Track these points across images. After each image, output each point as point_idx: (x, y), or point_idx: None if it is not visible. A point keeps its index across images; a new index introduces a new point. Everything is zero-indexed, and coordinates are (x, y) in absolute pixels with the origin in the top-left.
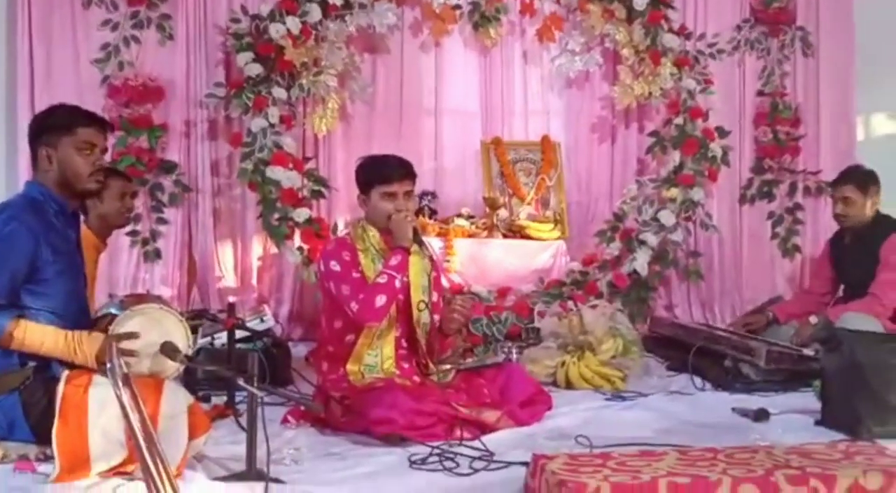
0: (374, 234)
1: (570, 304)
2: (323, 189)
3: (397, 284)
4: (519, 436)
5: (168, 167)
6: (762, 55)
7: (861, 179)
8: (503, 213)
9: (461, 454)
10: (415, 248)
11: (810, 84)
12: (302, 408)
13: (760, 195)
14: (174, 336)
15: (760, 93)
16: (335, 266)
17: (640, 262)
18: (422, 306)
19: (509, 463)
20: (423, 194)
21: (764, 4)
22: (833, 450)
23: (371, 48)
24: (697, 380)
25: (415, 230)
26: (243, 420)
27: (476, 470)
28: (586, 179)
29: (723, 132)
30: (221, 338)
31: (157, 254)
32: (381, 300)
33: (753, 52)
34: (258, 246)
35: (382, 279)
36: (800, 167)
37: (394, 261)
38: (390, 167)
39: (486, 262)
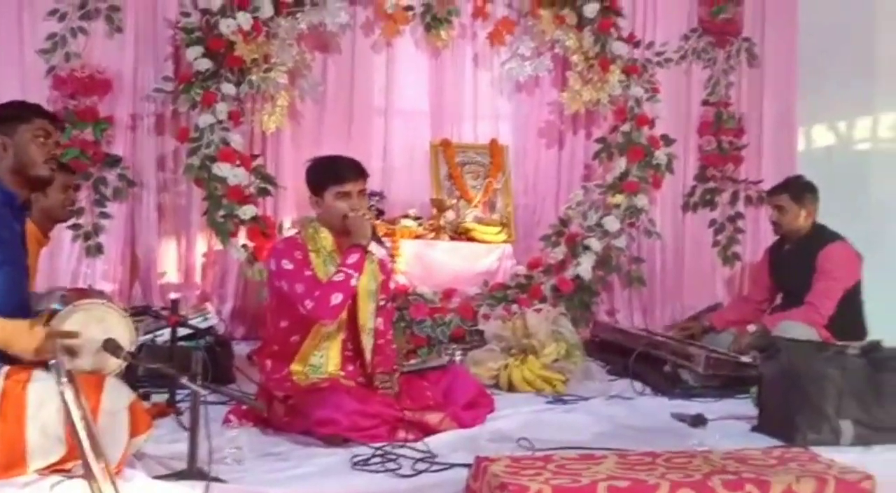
0: (326, 235)
1: (515, 307)
2: (270, 187)
3: (353, 282)
4: (461, 438)
5: (113, 161)
6: (708, 65)
7: (796, 189)
8: (450, 215)
9: (404, 456)
10: None
11: (754, 95)
12: (244, 407)
13: (703, 203)
14: (117, 333)
15: (706, 102)
16: (287, 265)
17: (585, 267)
18: (369, 313)
19: (451, 465)
20: (371, 195)
21: (711, 15)
22: (768, 456)
23: (322, 46)
24: (637, 385)
25: (373, 228)
26: (184, 419)
27: (418, 472)
28: (533, 183)
29: (668, 140)
30: (163, 335)
31: (99, 249)
32: (336, 298)
33: (700, 61)
34: (202, 243)
35: (339, 277)
36: (742, 177)
37: (351, 259)
38: (344, 167)
39: (432, 263)
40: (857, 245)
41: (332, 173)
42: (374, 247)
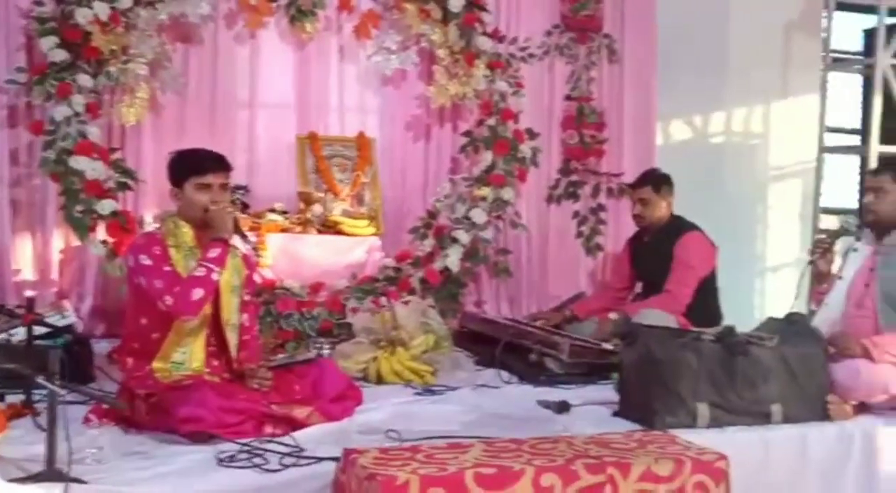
0: (186, 230)
1: (383, 300)
2: (130, 181)
3: (214, 277)
4: (330, 431)
5: None
6: (570, 61)
7: (656, 181)
8: (317, 208)
9: (271, 451)
10: None
11: (615, 90)
12: (105, 407)
13: (566, 196)
14: None
15: (568, 97)
16: (146, 260)
17: (453, 259)
18: (233, 308)
19: (320, 459)
20: (236, 188)
21: (572, 12)
22: (629, 439)
23: (184, 38)
24: (504, 374)
25: (235, 221)
26: (42, 419)
27: (286, 466)
28: (401, 176)
29: (532, 134)
30: (18, 334)
31: None
32: (197, 294)
33: (562, 57)
34: (59, 239)
35: (200, 272)
36: (603, 169)
37: (212, 253)
38: (205, 158)
39: (300, 257)
40: (712, 235)
41: (192, 165)
42: (237, 241)
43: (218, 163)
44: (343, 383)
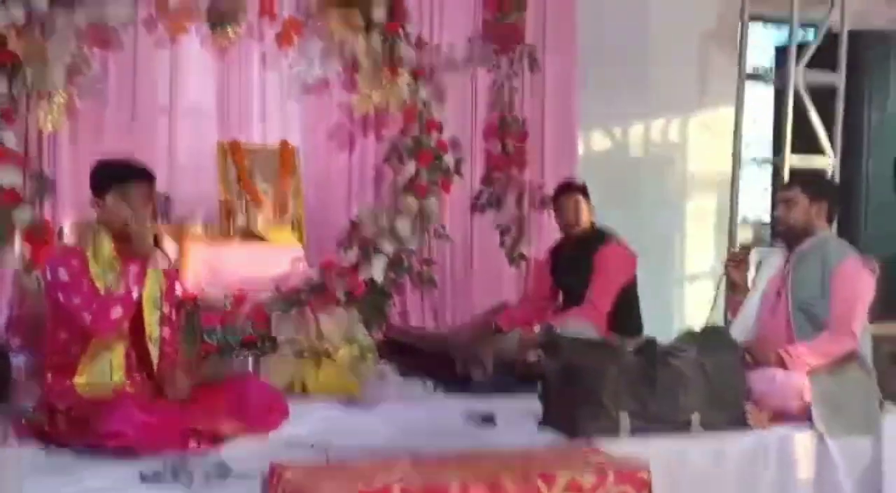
0: (106, 242)
1: (307, 311)
2: (47, 190)
3: (134, 295)
4: (256, 446)
5: None
6: (492, 70)
7: (584, 188)
8: (240, 218)
9: (196, 466)
10: None
11: (536, 100)
12: (24, 422)
13: (490, 205)
14: None
15: (491, 107)
16: (63, 275)
17: (377, 269)
18: (155, 321)
19: (245, 474)
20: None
21: (495, 21)
22: (554, 452)
23: (102, 43)
24: (430, 385)
25: (156, 238)
26: None
27: (211, 481)
28: (325, 185)
29: (456, 144)
30: None
31: None
32: (116, 312)
33: (485, 67)
34: None
35: (119, 290)
36: (526, 179)
37: (131, 271)
38: (129, 169)
39: (222, 268)
40: (631, 245)
41: (115, 175)
42: (158, 255)
43: (142, 173)
44: (269, 396)
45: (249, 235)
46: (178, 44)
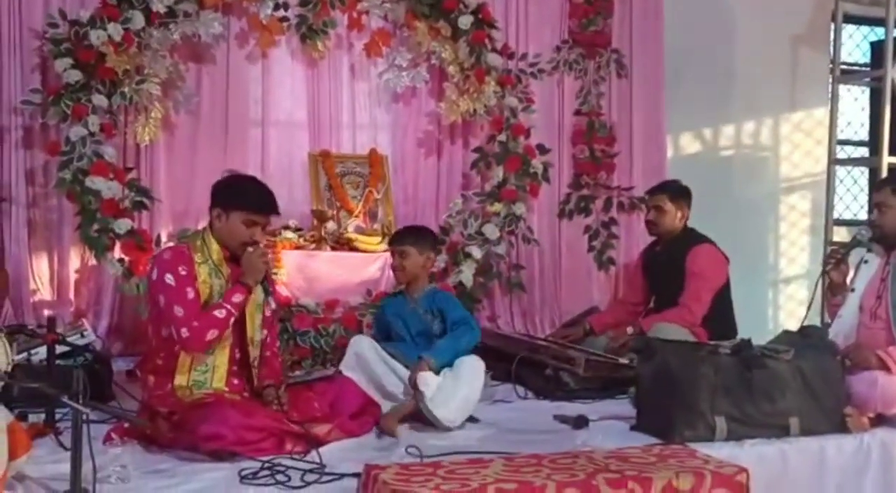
0: (216, 247)
1: None
2: (145, 200)
3: (231, 321)
4: (350, 448)
5: None
6: (580, 76)
7: (675, 190)
8: (331, 225)
9: (293, 468)
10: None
11: (624, 104)
12: (126, 425)
13: (578, 210)
14: None
15: (578, 112)
16: (170, 280)
17: (466, 274)
18: (257, 325)
19: (341, 475)
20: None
21: (581, 27)
22: (648, 454)
23: (196, 57)
24: (520, 389)
25: (266, 272)
26: (64, 438)
27: (308, 483)
28: (413, 192)
29: (543, 149)
30: (39, 354)
31: None
32: (212, 334)
33: (571, 72)
34: (76, 258)
35: (220, 314)
36: (614, 184)
37: (235, 298)
38: (263, 197)
39: (314, 274)
40: (723, 247)
41: (249, 198)
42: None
43: (273, 205)
44: (361, 400)
45: (341, 241)
46: (269, 57)
